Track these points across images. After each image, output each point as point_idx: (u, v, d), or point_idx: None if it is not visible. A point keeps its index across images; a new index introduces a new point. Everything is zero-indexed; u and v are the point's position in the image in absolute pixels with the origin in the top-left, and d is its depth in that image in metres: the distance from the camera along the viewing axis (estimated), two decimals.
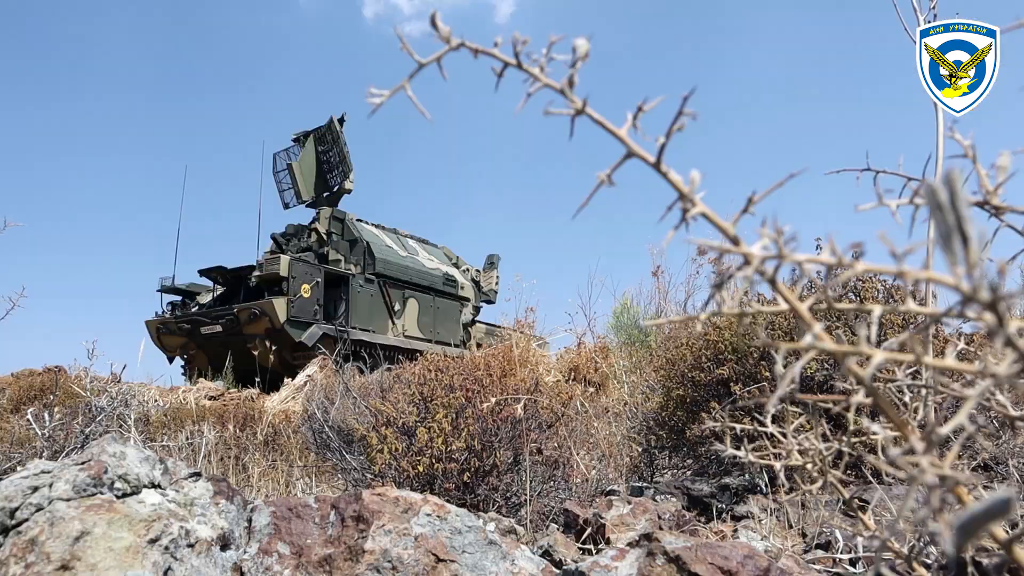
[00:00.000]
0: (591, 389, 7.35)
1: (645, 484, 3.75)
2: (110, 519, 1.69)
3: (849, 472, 3.16)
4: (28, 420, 3.19)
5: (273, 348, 12.56)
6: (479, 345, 16.32)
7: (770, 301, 3.70)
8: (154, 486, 1.95)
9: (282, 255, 12.73)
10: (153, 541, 1.73)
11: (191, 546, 1.82)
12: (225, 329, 12.57)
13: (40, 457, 3.10)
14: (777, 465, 1.27)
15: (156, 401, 7.16)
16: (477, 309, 17.06)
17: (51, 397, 7.16)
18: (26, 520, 1.71)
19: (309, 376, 9.00)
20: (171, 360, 13.78)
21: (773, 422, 2.84)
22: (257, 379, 11.18)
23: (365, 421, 3.47)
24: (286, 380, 9.78)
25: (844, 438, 1.29)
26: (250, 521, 2.08)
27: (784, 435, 1.42)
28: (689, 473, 3.85)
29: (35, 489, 1.76)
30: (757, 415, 3.32)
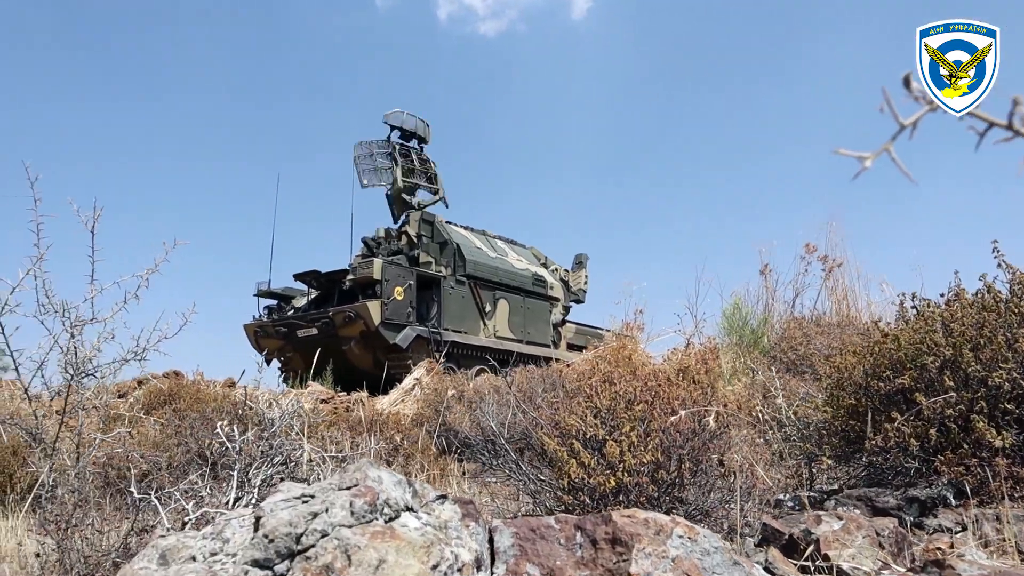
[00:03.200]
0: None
1: (812, 494, 3.68)
2: (397, 546, 1.72)
3: None
4: (217, 433, 3.28)
5: (368, 350, 12.77)
6: (570, 346, 16.32)
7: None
8: (408, 509, 1.98)
9: (375, 258, 12.91)
10: (434, 567, 1.75)
11: (460, 571, 1.84)
12: (320, 332, 12.80)
13: (233, 470, 3.18)
14: None
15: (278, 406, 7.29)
16: (567, 309, 17.06)
17: (179, 402, 7.38)
18: (312, 546, 1.74)
19: (417, 379, 9.10)
20: (268, 362, 14.09)
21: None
22: (365, 382, 11.37)
23: (531, 427, 3.47)
24: (396, 384, 9.91)
25: None
26: (491, 542, 2.10)
27: None
28: (858, 483, 3.77)
29: (315, 515, 1.80)
30: (952, 425, 3.22)
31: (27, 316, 3.58)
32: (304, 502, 1.91)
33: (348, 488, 1.90)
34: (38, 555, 3.29)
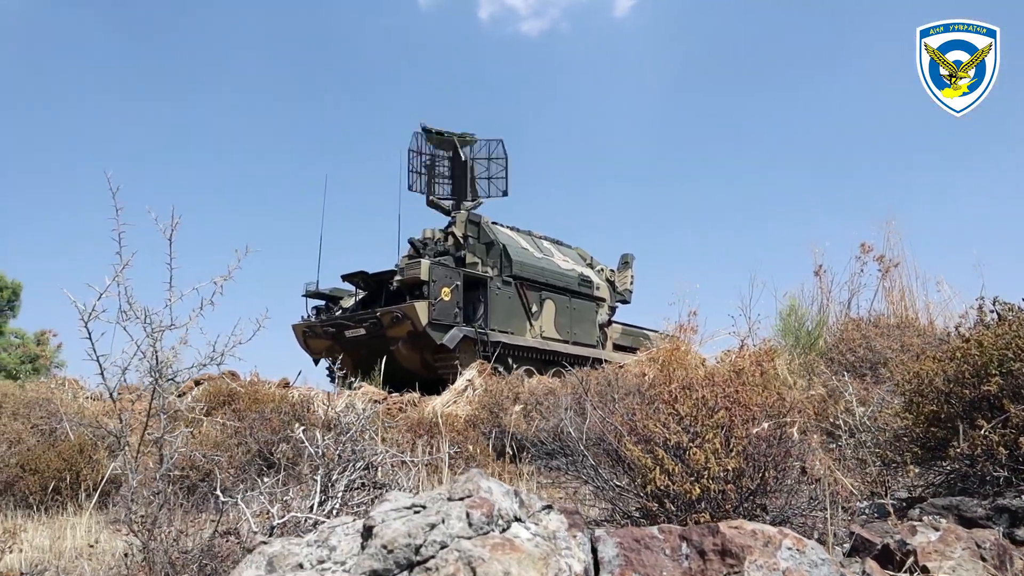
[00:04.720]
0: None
1: (892, 502, 3.64)
2: (518, 559, 1.73)
3: None
4: (299, 435, 3.32)
5: (415, 351, 12.87)
6: (616, 347, 16.30)
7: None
8: (517, 520, 1.99)
9: (422, 259, 13.01)
10: None
11: None
12: (368, 332, 12.92)
13: (315, 475, 3.22)
14: None
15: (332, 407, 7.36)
16: (613, 309, 17.05)
17: (239, 403, 7.49)
18: (432, 557, 1.76)
19: (469, 380, 9.15)
20: (316, 362, 14.28)
21: None
22: (416, 383, 11.46)
23: (613, 432, 3.47)
24: (450, 384, 9.98)
25: None
26: (595, 551, 2.10)
27: None
28: (937, 492, 3.72)
29: (432, 526, 1.82)
30: None
31: (110, 322, 3.64)
32: (416, 512, 1.93)
33: (461, 499, 1.92)
34: (127, 555, 3.36)
